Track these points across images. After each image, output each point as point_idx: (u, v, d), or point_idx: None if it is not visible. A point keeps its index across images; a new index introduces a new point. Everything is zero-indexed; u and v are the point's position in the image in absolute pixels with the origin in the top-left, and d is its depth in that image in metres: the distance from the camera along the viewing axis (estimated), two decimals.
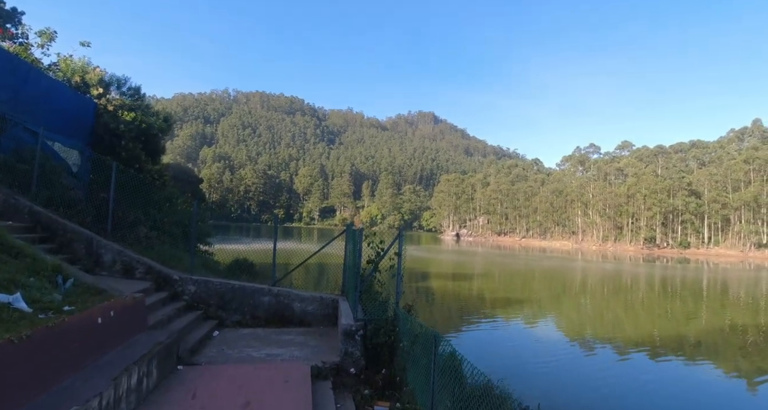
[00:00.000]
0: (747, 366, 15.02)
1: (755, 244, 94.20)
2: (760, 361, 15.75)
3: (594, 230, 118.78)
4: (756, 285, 42.41)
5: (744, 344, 18.23)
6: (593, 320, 22.59)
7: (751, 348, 17.67)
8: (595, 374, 13.44)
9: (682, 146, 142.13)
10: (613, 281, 41.16)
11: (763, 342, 18.73)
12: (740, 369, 14.67)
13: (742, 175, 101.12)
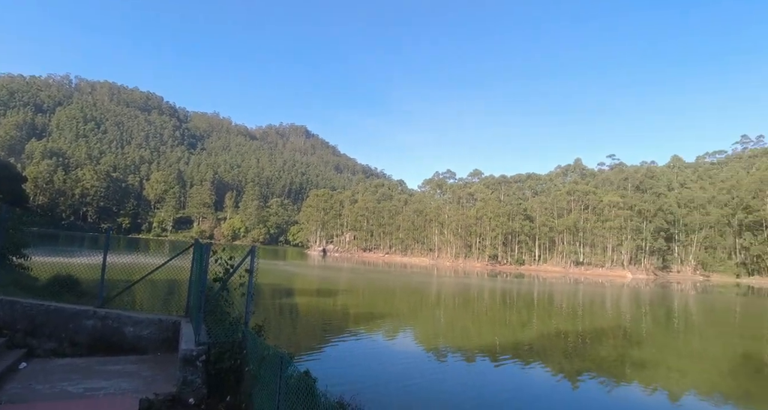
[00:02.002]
0: (569, 367, 17.28)
1: (574, 262, 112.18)
2: (580, 362, 18.28)
3: (448, 248, 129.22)
4: (574, 296, 50.10)
5: (566, 347, 21.06)
6: (446, 330, 24.03)
7: (571, 350, 20.48)
8: (446, 379, 14.11)
9: (520, 177, 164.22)
10: (462, 294, 44.80)
11: (581, 346, 21.89)
12: (564, 369, 16.79)
13: (565, 204, 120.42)
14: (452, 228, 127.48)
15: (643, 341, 24.62)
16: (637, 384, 15.56)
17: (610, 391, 14.60)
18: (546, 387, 14.50)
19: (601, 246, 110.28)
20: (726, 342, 25.86)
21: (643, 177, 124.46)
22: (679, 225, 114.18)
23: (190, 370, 6.92)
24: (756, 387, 16.53)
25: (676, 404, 13.93)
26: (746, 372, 18.69)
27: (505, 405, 12.47)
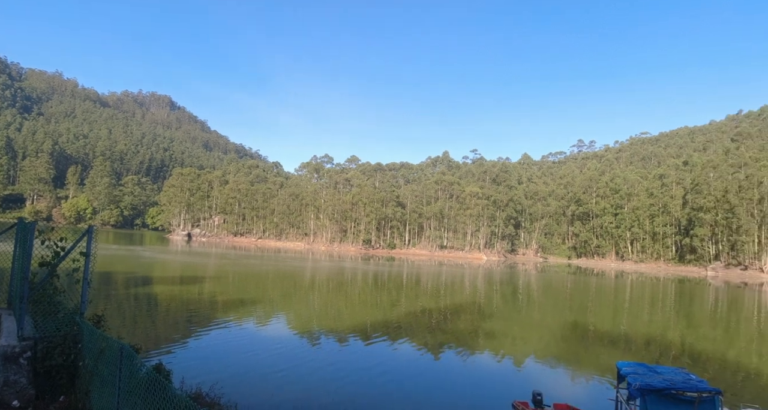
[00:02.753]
0: (432, 341, 18.75)
1: (439, 246, 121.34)
2: (442, 336, 19.93)
3: (324, 232, 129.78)
4: (438, 277, 54.30)
5: (430, 323, 22.78)
6: (319, 314, 24.21)
7: (435, 326, 22.23)
8: (317, 363, 14.25)
9: (395, 165, 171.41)
10: (336, 278, 45.51)
11: (443, 321, 23.87)
12: (428, 343, 18.16)
13: (433, 193, 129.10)
14: (328, 212, 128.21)
15: (494, 314, 27.81)
16: (488, 352, 17.55)
17: (465, 360, 16.23)
18: (412, 361, 15.54)
19: (462, 231, 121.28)
20: (559, 313, 30.52)
21: (499, 171, 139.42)
22: (525, 214, 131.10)
23: (13, 369, 5.88)
24: (582, 350, 19.82)
25: (519, 367, 16.05)
26: (574, 337, 22.29)
27: (374, 381, 13.05)
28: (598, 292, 47.00)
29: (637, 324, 27.30)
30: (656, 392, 7.62)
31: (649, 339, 22.39)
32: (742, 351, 21.22)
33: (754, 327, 28.82)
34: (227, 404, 9.07)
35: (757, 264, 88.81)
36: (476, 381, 13.90)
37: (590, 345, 20.55)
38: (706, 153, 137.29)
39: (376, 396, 11.76)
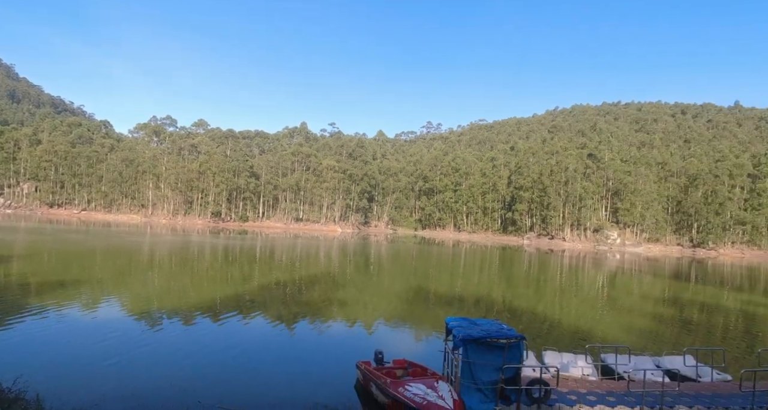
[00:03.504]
0: (287, 314, 18.59)
1: (294, 218, 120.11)
2: (296, 308, 19.89)
3: (165, 204, 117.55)
4: (293, 250, 53.87)
5: (285, 296, 22.54)
6: (161, 294, 22.02)
7: (289, 299, 22.06)
8: (161, 347, 12.99)
9: (249, 133, 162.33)
10: (180, 253, 41.88)
11: (298, 293, 23.82)
12: (282, 316, 17.96)
13: (289, 164, 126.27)
14: (171, 182, 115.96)
15: (347, 284, 28.79)
16: (340, 320, 18.13)
17: (318, 329, 16.51)
18: (265, 335, 15.21)
19: (318, 204, 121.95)
20: (405, 279, 32.96)
21: (355, 146, 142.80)
22: (378, 189, 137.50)
23: None
24: (423, 311, 21.73)
25: (368, 331, 16.93)
26: (417, 300, 24.33)
27: (223, 359, 12.44)
28: (438, 260, 52.08)
29: (468, 285, 31.08)
30: (475, 341, 8.87)
31: (479, 298, 25.70)
32: (548, 304, 25.79)
33: (556, 285, 35.19)
34: (34, 399, 7.77)
35: (561, 234, 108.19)
36: (327, 347, 14.28)
37: (430, 306, 22.72)
38: (528, 141, 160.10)
39: (225, 374, 11.23)
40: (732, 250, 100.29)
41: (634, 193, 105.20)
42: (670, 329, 20.31)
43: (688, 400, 9.75)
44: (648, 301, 29.38)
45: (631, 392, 9.84)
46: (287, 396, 9.96)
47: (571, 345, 14.64)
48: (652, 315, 23.69)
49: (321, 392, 10.36)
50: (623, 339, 16.43)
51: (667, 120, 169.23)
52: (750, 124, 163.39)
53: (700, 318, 24.14)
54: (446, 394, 8.58)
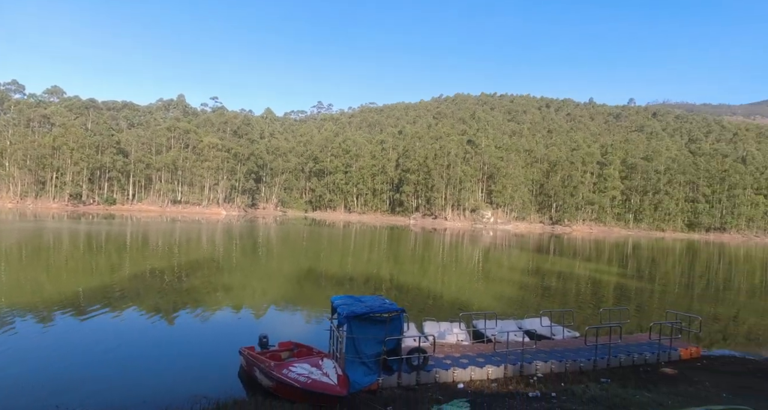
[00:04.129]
0: (166, 305, 17.27)
1: (172, 200, 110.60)
2: (176, 297, 18.56)
3: (11, 185, 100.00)
4: (171, 234, 49.82)
5: (162, 286, 20.87)
6: (9, 290, 18.91)
7: (168, 288, 20.48)
8: (15, 349, 11.24)
9: (115, 104, 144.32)
10: (32, 242, 36.26)
11: (177, 282, 22.21)
12: (160, 308, 16.64)
13: (165, 141, 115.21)
14: (17, 158, 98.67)
15: (233, 268, 27.62)
16: (226, 307, 17.41)
17: (202, 318, 15.68)
18: (141, 329, 13.99)
19: (199, 185, 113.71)
20: (295, 262, 32.62)
21: (241, 123, 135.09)
22: (266, 169, 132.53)
23: None
24: (313, 292, 21.76)
25: (256, 316, 16.54)
26: (308, 282, 24.30)
27: (96, 361, 11.22)
28: (329, 241, 52.40)
29: (359, 265, 31.89)
30: (358, 317, 9.26)
31: (368, 276, 26.54)
32: (431, 279, 27.60)
33: (439, 262, 37.72)
34: None
35: (443, 214, 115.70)
36: (210, 337, 13.67)
37: (321, 287, 22.89)
38: (415, 125, 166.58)
39: (91, 374, 10.14)
40: (583, 226, 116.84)
41: (506, 176, 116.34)
42: (532, 295, 23.13)
43: (544, 356, 11.29)
44: (515, 272, 33.04)
45: (497, 352, 11.09)
46: (164, 392, 9.34)
47: (450, 314, 15.88)
48: (519, 284, 26.74)
49: (203, 384, 9.89)
50: (494, 307, 18.30)
51: (534, 112, 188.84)
52: (600, 118, 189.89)
53: (557, 285, 27.86)
54: (331, 371, 8.81)
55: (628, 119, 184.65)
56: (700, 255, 60.45)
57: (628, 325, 15.77)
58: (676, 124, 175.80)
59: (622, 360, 11.63)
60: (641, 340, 13.27)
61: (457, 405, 8.01)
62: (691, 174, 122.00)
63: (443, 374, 9.90)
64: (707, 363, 12.52)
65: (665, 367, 11.61)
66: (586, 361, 11.18)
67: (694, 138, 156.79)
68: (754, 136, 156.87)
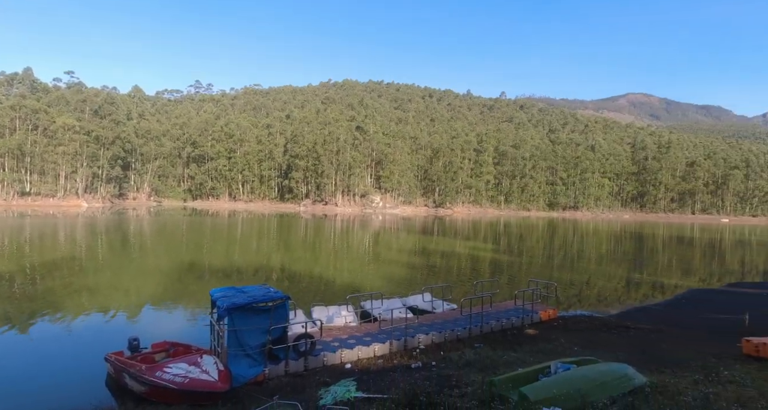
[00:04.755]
0: (17, 312, 14.84)
1: (19, 192, 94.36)
2: (30, 304, 16.03)
3: None
4: (20, 232, 42.71)
5: (11, 292, 17.87)
6: None
7: (19, 293, 17.60)
8: None
9: None
10: None
11: (30, 286, 19.17)
12: (10, 316, 14.27)
13: (8, 122, 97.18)
14: None
15: (99, 268, 24.66)
16: (94, 312, 15.55)
17: (68, 326, 13.82)
18: None
19: (53, 173, 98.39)
20: (174, 256, 30.17)
21: (103, 102, 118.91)
22: (136, 155, 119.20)
23: None
24: (196, 288, 20.41)
25: (130, 318, 15.04)
26: (190, 278, 22.66)
27: None
28: (213, 232, 49.42)
29: (247, 256, 30.67)
30: (240, 308, 8.96)
31: (258, 267, 25.68)
32: (323, 265, 27.63)
33: (330, 247, 37.87)
34: None
35: (334, 200, 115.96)
36: (75, 345, 12.18)
37: (204, 282, 21.55)
38: (303, 110, 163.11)
39: None
40: (462, 208, 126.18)
41: (393, 162, 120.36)
42: (419, 274, 24.47)
43: (425, 329, 12.07)
44: (403, 253, 34.57)
45: (383, 330, 11.59)
46: None
47: (343, 298, 16.15)
48: (406, 264, 28.07)
49: (66, 399, 8.75)
50: (384, 287, 19.00)
51: (419, 101, 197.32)
52: (477, 109, 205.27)
53: (441, 263, 29.81)
54: (211, 367, 8.45)
55: (500, 110, 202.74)
56: (559, 231, 69.25)
57: (500, 295, 17.56)
58: (539, 116, 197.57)
59: (492, 326, 12.94)
60: (509, 307, 14.88)
61: (344, 385, 8.22)
62: (550, 160, 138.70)
63: (331, 357, 10.06)
64: (562, 322, 14.51)
65: (528, 329, 13.20)
66: (463, 330, 12.22)
67: (554, 128, 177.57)
68: (602, 128, 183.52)
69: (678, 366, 9.13)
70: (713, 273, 30.50)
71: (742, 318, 14.12)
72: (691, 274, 29.39)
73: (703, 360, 9.70)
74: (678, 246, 51.12)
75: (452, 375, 8.44)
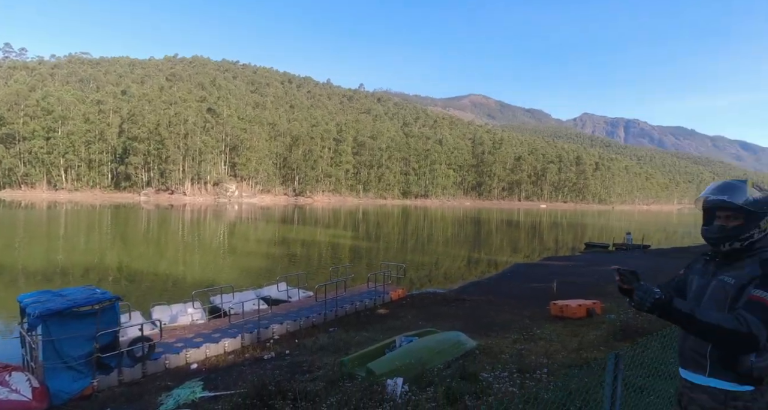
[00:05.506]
0: None
1: None
2: None
3: None
4: None
5: None
6: None
7: None
8: None
9: None
10: None
11: None
12: None
13: None
14: None
15: None
16: None
17: None
18: None
19: None
20: None
21: None
22: None
23: None
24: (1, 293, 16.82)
25: None
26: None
27: None
28: (28, 228, 41.24)
29: (74, 255, 26.27)
30: (57, 314, 7.69)
31: (89, 267, 22.21)
32: (171, 261, 25.14)
33: (179, 241, 34.61)
34: None
35: (182, 188, 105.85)
36: None
37: (18, 289, 17.90)
38: (143, 86, 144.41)
39: None
40: (323, 197, 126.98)
41: (250, 148, 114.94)
42: (279, 264, 23.86)
43: (280, 318, 11.87)
44: (262, 244, 33.40)
45: (234, 325, 11.06)
46: None
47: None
48: (265, 255, 27.18)
49: None
50: (240, 281, 18.08)
51: (278, 86, 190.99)
52: (337, 98, 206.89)
53: (301, 252, 29.55)
54: (22, 385, 7.14)
55: (359, 102, 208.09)
56: (412, 218, 74.34)
57: (360, 279, 18.17)
58: (395, 110, 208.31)
59: (347, 310, 13.33)
60: (363, 290, 15.48)
61: (188, 387, 7.65)
62: (404, 151, 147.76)
63: (174, 359, 9.24)
64: (410, 300, 15.62)
65: (380, 309, 13.91)
66: (318, 316, 12.34)
67: (407, 122, 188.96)
68: (448, 124, 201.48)
69: (502, 329, 10.58)
70: (534, 249, 36.04)
71: (551, 285, 16.94)
72: (518, 252, 34.27)
73: (521, 322, 11.39)
74: (507, 228, 59.11)
75: (305, 361, 8.47)
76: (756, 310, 1.62)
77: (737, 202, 1.75)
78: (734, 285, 1.75)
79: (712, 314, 1.66)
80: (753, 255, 1.76)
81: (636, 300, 1.69)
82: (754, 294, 1.66)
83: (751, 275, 1.72)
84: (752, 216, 1.76)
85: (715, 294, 1.81)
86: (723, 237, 1.79)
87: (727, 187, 1.81)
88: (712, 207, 1.84)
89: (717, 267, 1.87)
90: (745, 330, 1.58)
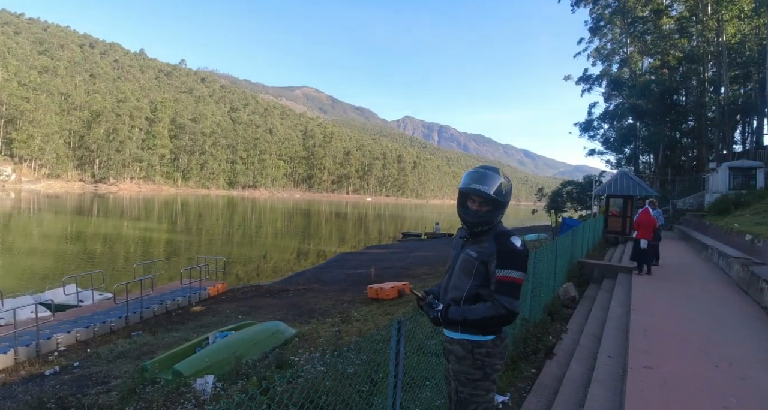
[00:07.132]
0: None
1: None
2: None
3: None
4: None
5: None
6: None
7: None
8: None
9: None
10: None
11: None
12: None
13: None
14: None
15: None
16: None
17: None
18: None
19: None
20: None
21: None
22: None
23: None
24: None
25: None
26: None
27: None
28: None
29: None
30: None
31: None
32: None
33: None
34: None
35: None
36: None
37: None
38: None
39: None
40: (131, 185, 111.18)
41: (33, 122, 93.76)
42: (72, 265, 19.97)
43: (67, 326, 10.02)
44: (50, 241, 27.69)
45: (2, 338, 8.94)
46: None
47: None
48: (52, 255, 22.59)
49: None
50: (16, 286, 14.66)
51: (75, 49, 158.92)
52: (151, 73, 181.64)
53: (102, 250, 25.33)
54: None
55: (179, 79, 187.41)
56: (239, 209, 70.75)
57: (174, 276, 16.44)
58: (222, 93, 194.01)
59: (155, 310, 11.98)
60: (175, 287, 14.11)
61: None
62: (231, 139, 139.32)
63: None
64: (231, 295, 14.86)
65: (195, 306, 12.88)
66: (118, 320, 10.80)
67: (235, 108, 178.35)
68: (279, 114, 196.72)
69: (322, 315, 10.87)
70: (360, 240, 37.96)
71: (369, 271, 18.08)
72: (345, 242, 35.64)
73: (341, 307, 11.88)
74: (336, 220, 60.98)
75: (98, 371, 7.36)
76: (504, 289, 1.96)
77: (489, 192, 2.06)
78: (477, 258, 2.08)
79: (477, 310, 2.00)
80: (489, 232, 2.12)
81: (429, 318, 2.13)
82: (499, 275, 1.98)
83: (490, 251, 2.05)
84: (498, 204, 2.10)
85: (463, 266, 2.14)
86: (478, 222, 2.10)
87: (483, 177, 2.10)
88: (467, 192, 2.11)
89: (465, 241, 2.21)
90: (504, 311, 1.94)
